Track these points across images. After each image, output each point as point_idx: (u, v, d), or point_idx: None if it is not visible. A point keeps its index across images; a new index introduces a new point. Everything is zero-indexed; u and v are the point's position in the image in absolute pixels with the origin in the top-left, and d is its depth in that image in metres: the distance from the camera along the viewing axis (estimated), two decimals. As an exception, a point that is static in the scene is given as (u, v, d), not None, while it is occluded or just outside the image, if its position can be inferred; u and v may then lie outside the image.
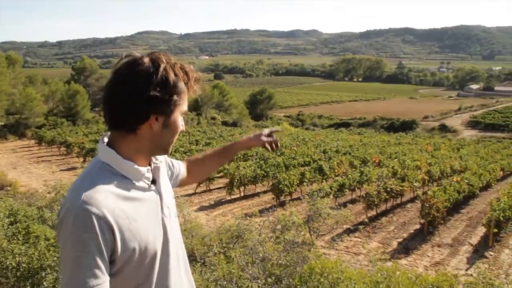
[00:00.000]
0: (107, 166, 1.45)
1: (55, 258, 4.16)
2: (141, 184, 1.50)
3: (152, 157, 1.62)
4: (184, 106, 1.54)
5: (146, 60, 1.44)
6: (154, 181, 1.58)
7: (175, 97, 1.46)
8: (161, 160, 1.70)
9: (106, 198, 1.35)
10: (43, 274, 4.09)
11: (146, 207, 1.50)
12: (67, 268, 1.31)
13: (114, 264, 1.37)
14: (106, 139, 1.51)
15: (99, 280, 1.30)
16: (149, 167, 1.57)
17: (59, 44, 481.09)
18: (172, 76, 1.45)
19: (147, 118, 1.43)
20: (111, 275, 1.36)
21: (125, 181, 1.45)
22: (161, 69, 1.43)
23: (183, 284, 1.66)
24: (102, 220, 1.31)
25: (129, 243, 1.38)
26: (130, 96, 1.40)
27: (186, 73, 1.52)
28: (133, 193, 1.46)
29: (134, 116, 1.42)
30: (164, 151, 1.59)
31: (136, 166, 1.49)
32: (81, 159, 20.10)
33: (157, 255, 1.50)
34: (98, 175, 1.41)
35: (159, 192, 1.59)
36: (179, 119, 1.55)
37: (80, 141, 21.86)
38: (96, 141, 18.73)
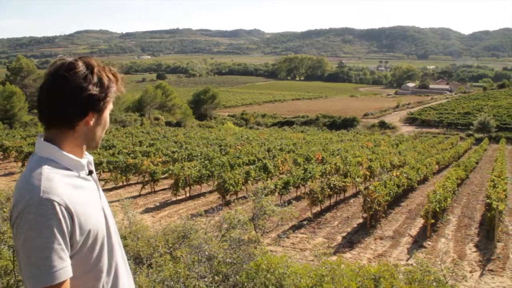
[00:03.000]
0: (51, 160, 1.56)
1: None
2: (82, 174, 1.66)
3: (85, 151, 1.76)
4: (111, 104, 1.72)
5: (80, 63, 1.59)
6: (90, 172, 1.74)
7: (109, 95, 1.65)
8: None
9: (62, 187, 1.49)
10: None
11: (91, 194, 1.66)
12: (32, 258, 1.39)
13: (73, 247, 1.49)
14: (42, 138, 1.63)
15: (65, 263, 1.43)
16: (87, 159, 1.73)
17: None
18: (105, 77, 1.63)
19: (86, 115, 1.59)
20: (70, 257, 1.48)
21: (70, 172, 1.60)
22: (96, 70, 1.60)
23: (126, 265, 1.82)
24: (64, 206, 1.44)
25: (85, 226, 1.52)
26: (71, 95, 1.54)
27: (114, 75, 1.69)
28: (79, 182, 1.61)
29: (74, 113, 1.57)
30: (96, 144, 1.73)
31: (77, 158, 1.64)
32: (20, 164, 19.18)
33: (104, 239, 1.65)
34: (47, 168, 1.52)
35: (96, 182, 1.76)
36: (108, 115, 1.73)
37: (18, 145, 20.89)
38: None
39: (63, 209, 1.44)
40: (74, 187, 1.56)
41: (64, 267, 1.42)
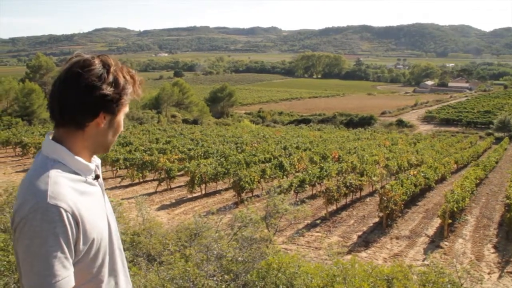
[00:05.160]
0: (58, 162, 1.50)
1: (5, 262, 4.00)
2: (89, 179, 1.59)
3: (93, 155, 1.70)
4: (127, 107, 1.64)
5: (97, 61, 1.52)
6: (97, 177, 1.66)
7: (124, 98, 1.57)
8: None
9: (69, 193, 1.43)
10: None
11: (96, 200, 1.60)
12: (36, 266, 1.34)
13: (76, 255, 1.44)
14: (51, 136, 1.56)
15: (68, 272, 1.38)
16: (94, 163, 1.66)
17: (13, 41, 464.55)
18: (121, 78, 1.55)
19: (97, 115, 1.52)
20: (73, 265, 1.43)
21: (77, 177, 1.53)
22: (112, 70, 1.53)
23: (125, 269, 1.76)
24: (70, 213, 1.39)
25: (90, 235, 1.46)
26: (83, 93, 1.47)
27: (132, 76, 1.62)
28: (85, 187, 1.55)
29: (85, 113, 1.50)
30: (105, 149, 1.66)
31: (86, 162, 1.57)
32: (37, 160, 19.47)
33: (107, 245, 1.60)
34: (55, 171, 1.46)
35: (101, 187, 1.69)
36: (122, 119, 1.66)
37: (36, 141, 21.22)
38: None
39: (69, 216, 1.39)
40: (81, 193, 1.49)
41: (67, 276, 1.37)
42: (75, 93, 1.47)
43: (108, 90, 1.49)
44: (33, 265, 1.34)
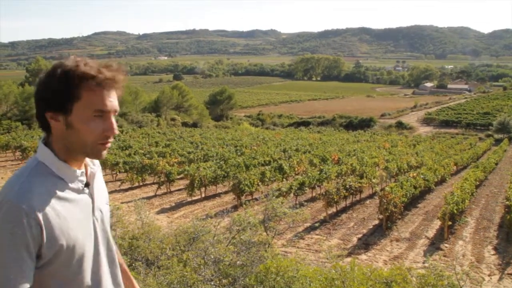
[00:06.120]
0: (43, 165, 1.48)
1: None
2: (74, 185, 1.53)
3: (89, 162, 1.65)
4: (94, 104, 1.46)
5: (66, 62, 1.46)
6: (87, 185, 1.59)
7: (75, 93, 1.43)
8: (98, 166, 1.72)
9: (38, 196, 1.39)
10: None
11: (78, 208, 1.52)
12: None
13: (40, 258, 1.40)
14: (43, 140, 1.55)
15: (24, 273, 1.34)
16: (83, 170, 1.59)
17: (12, 44, 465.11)
18: (77, 71, 1.43)
19: (43, 116, 1.47)
20: (38, 267, 1.40)
21: (60, 182, 1.49)
22: (69, 66, 1.44)
23: (118, 283, 1.71)
24: (31, 216, 1.35)
25: (57, 240, 1.40)
26: (36, 93, 1.50)
27: (98, 70, 1.46)
28: (66, 193, 1.49)
29: (38, 115, 1.49)
30: (82, 153, 1.53)
31: (70, 168, 1.52)
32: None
33: (85, 254, 1.52)
34: (34, 173, 1.45)
35: (91, 196, 1.60)
36: (91, 119, 1.47)
37: (36, 145, 21.09)
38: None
39: (30, 218, 1.34)
40: (58, 198, 1.44)
41: (22, 277, 1.34)
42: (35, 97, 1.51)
43: (53, 85, 1.43)
44: None
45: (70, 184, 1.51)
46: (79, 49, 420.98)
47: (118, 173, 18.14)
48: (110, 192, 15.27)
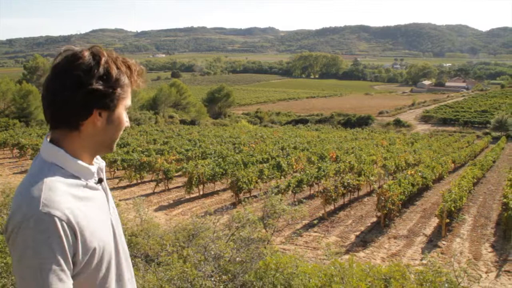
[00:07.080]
0: (55, 166, 1.38)
1: (2, 264, 4.00)
2: (90, 183, 1.46)
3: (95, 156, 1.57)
4: (128, 100, 1.50)
5: (86, 53, 1.38)
6: (100, 180, 1.53)
7: (118, 91, 1.42)
8: (102, 161, 1.64)
9: (65, 200, 1.31)
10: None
11: (98, 206, 1.46)
12: (28, 277, 1.23)
13: (75, 266, 1.32)
14: (49, 139, 1.44)
15: (65, 285, 1.25)
16: (96, 165, 1.53)
17: (10, 42, 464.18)
18: (114, 69, 1.40)
19: (90, 113, 1.38)
20: (72, 277, 1.30)
21: (77, 181, 1.41)
22: (103, 62, 1.38)
23: (132, 277, 1.63)
24: (65, 222, 1.27)
25: (90, 244, 1.34)
26: (71, 91, 1.34)
27: (128, 67, 1.47)
28: (86, 192, 1.42)
29: (76, 112, 1.36)
30: (108, 148, 1.52)
31: (86, 165, 1.44)
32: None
33: (112, 255, 1.47)
34: (50, 176, 1.34)
35: (105, 191, 1.56)
36: (123, 114, 1.50)
37: (34, 143, 21.16)
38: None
39: (65, 225, 1.26)
40: (80, 198, 1.37)
41: None
42: (63, 92, 1.34)
43: (98, 84, 1.35)
44: (24, 278, 1.24)
45: (86, 182, 1.44)
46: (77, 47, 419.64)
47: (116, 170, 18.13)
48: (109, 190, 15.27)
